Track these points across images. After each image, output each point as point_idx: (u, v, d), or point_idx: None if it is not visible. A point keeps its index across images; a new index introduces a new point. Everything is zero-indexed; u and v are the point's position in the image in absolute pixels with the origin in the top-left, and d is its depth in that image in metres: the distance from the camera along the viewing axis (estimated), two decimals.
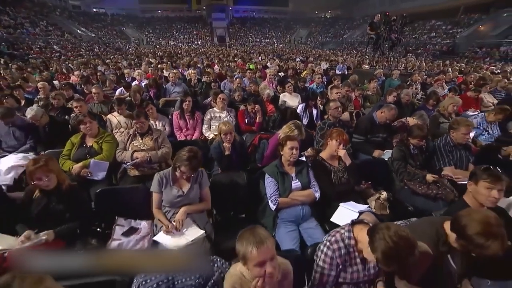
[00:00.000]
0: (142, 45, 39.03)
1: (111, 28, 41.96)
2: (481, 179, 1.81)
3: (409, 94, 5.00)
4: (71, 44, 29.92)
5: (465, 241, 1.34)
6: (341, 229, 1.50)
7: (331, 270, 1.42)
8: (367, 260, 1.43)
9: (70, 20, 36.99)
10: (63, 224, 1.98)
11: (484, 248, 1.27)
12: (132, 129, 3.01)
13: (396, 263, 1.20)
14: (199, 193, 2.15)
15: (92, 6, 45.99)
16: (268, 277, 1.14)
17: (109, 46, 34.11)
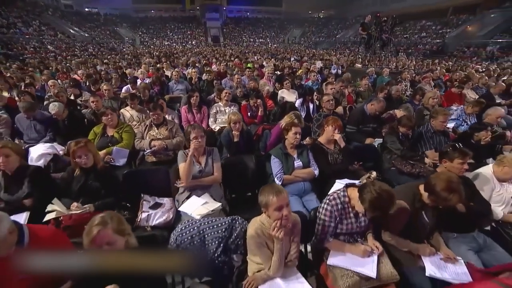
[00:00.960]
0: (136, 45, 38.84)
1: (105, 28, 41.54)
2: (454, 157, 2.20)
3: (399, 90, 5.44)
4: (65, 44, 29.77)
5: (434, 196, 1.72)
6: (337, 190, 1.87)
7: (330, 221, 1.78)
8: (359, 215, 1.80)
9: (63, 20, 36.63)
10: (99, 199, 2.30)
11: (447, 200, 1.66)
12: (149, 120, 3.34)
13: (380, 210, 1.57)
14: (212, 168, 2.51)
15: (85, 6, 45.29)
16: (284, 219, 1.50)
17: (103, 46, 33.95)
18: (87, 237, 1.32)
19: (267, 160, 2.78)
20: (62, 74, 9.16)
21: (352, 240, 1.85)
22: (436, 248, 1.88)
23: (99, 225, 1.33)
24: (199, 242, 1.74)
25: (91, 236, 1.31)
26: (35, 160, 3.04)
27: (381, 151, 3.29)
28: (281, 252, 1.55)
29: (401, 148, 3.08)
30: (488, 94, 5.81)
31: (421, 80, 8.02)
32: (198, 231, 1.74)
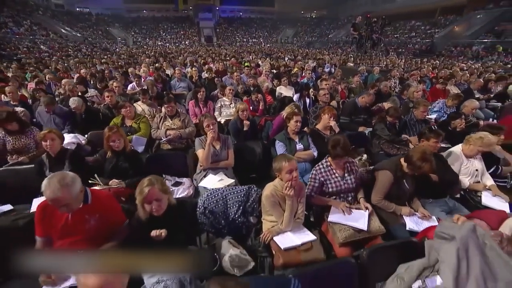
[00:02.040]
0: (129, 45, 38.62)
1: (97, 28, 41.10)
2: (430, 137, 2.64)
3: (387, 86, 5.92)
4: (58, 44, 29.59)
5: (411, 165, 2.15)
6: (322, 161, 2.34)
7: (315, 182, 2.28)
8: (344, 175, 2.25)
9: (54, 20, 36.26)
10: (128, 178, 2.65)
11: (421, 168, 2.09)
12: (163, 112, 3.70)
13: None
14: (226, 152, 2.89)
15: (76, 6, 44.58)
16: (294, 180, 1.89)
17: (96, 46, 33.75)
18: (140, 195, 1.69)
19: (271, 145, 3.18)
20: (63, 74, 9.38)
21: (344, 199, 2.27)
22: (414, 210, 2.30)
23: (149, 185, 1.70)
24: (222, 205, 2.12)
25: (144, 194, 1.68)
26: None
27: (371, 137, 3.73)
28: (291, 208, 1.95)
29: (389, 134, 3.52)
30: (468, 89, 6.33)
31: (409, 78, 8.56)
32: (222, 196, 2.13)
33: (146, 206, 1.67)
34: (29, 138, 3.36)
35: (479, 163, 2.67)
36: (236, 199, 2.14)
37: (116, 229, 1.84)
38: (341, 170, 2.30)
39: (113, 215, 1.85)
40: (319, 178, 2.27)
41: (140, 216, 1.73)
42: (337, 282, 1.54)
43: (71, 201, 1.62)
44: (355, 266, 1.59)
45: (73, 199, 1.63)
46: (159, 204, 1.68)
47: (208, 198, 2.12)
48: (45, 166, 2.57)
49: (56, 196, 1.55)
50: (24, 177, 2.73)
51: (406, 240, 1.84)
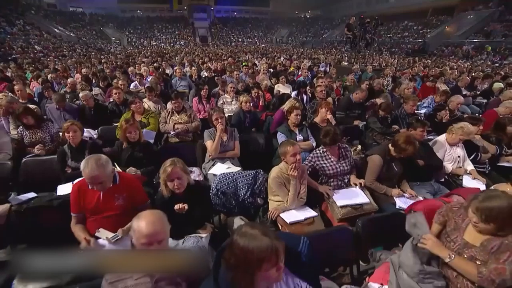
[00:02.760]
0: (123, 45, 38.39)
1: (90, 28, 40.64)
2: (417, 126, 2.93)
3: (380, 83, 6.23)
4: (52, 44, 29.42)
5: (397, 148, 2.44)
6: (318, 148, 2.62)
7: (309, 164, 2.55)
8: (339, 159, 2.52)
9: (47, 19, 35.93)
10: (143, 167, 2.89)
11: (406, 150, 2.38)
12: (170, 107, 3.94)
13: None
14: (233, 143, 3.14)
15: (69, 5, 43.87)
16: (298, 162, 2.15)
17: (91, 46, 33.58)
18: (164, 174, 1.94)
19: (272, 137, 3.45)
20: (62, 73, 9.52)
21: (341, 181, 2.54)
22: (403, 191, 2.59)
23: (171, 165, 1.95)
24: (233, 187, 2.38)
25: (167, 172, 1.92)
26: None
27: (365, 130, 4.02)
28: (295, 188, 2.21)
29: (381, 126, 3.81)
30: (456, 87, 6.68)
31: (401, 76, 8.91)
32: (232, 179, 2.39)
33: (169, 184, 1.91)
34: (45, 133, 3.57)
35: (461, 151, 2.97)
36: (245, 182, 2.40)
37: (140, 207, 2.08)
38: (336, 155, 2.59)
39: (137, 195, 2.09)
40: (313, 163, 2.56)
41: (163, 194, 1.97)
42: (337, 245, 1.80)
43: (105, 179, 1.86)
44: (351, 233, 1.86)
45: (107, 177, 1.87)
46: (180, 182, 1.92)
47: (221, 181, 2.37)
48: (67, 155, 2.80)
49: (94, 174, 1.79)
50: (46, 167, 2.96)
51: (394, 213, 2.11)
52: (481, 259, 1.45)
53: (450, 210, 1.66)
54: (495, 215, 1.38)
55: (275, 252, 0.99)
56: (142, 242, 1.17)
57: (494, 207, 1.37)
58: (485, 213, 1.39)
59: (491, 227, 1.42)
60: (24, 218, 2.04)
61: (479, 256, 1.46)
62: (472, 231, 1.54)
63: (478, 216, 1.42)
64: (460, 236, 1.57)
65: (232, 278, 1.05)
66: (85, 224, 1.98)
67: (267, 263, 0.98)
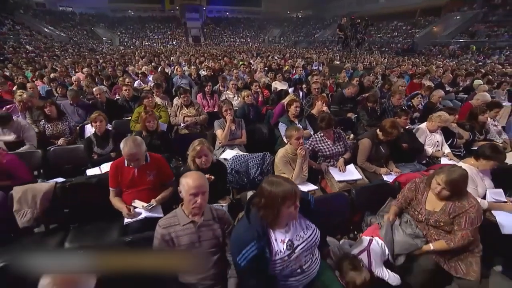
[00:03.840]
0: (115, 45, 38.09)
1: (81, 28, 40.02)
2: (401, 115, 3.36)
3: (370, 80, 6.69)
4: (43, 44, 29.15)
5: (383, 132, 2.85)
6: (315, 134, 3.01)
7: (310, 148, 2.93)
8: (334, 142, 2.91)
9: (37, 19, 35.45)
10: (160, 154, 3.22)
11: (391, 133, 2.80)
12: (179, 102, 4.28)
13: None
14: (240, 132, 3.51)
15: (58, 4, 43.19)
16: (301, 144, 2.54)
17: (82, 46, 33.27)
18: (193, 152, 2.29)
19: (274, 127, 3.83)
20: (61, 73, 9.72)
21: (336, 161, 2.95)
22: (390, 170, 3.00)
23: (200, 144, 2.30)
24: (245, 167, 2.75)
25: (196, 150, 2.27)
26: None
27: (356, 121, 4.44)
28: (300, 165, 2.60)
29: (368, 119, 4.26)
30: (440, 83, 7.19)
31: (390, 74, 9.42)
32: (244, 160, 2.76)
33: (197, 160, 2.27)
34: (64, 125, 3.88)
35: (439, 136, 3.41)
36: (255, 162, 2.77)
37: (167, 183, 2.44)
38: (331, 139, 3.00)
39: (165, 172, 2.44)
40: (313, 146, 2.98)
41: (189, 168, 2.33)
42: (336, 207, 2.21)
43: (141, 156, 2.22)
44: (348, 198, 2.26)
45: (142, 155, 2.22)
46: (207, 159, 2.28)
47: (234, 161, 2.74)
48: (93, 143, 3.12)
49: (133, 152, 2.14)
50: (71, 155, 3.28)
51: (382, 183, 2.53)
52: (443, 220, 1.89)
53: (418, 184, 2.07)
54: (453, 183, 1.80)
55: (294, 194, 1.37)
56: (191, 193, 1.53)
57: (456, 179, 1.80)
58: (449, 183, 1.81)
59: (449, 193, 1.84)
60: (68, 194, 2.36)
61: (441, 219, 1.89)
62: (430, 202, 1.99)
63: (442, 185, 1.83)
64: (423, 207, 2.00)
65: (262, 215, 1.42)
66: (121, 197, 2.32)
67: (289, 201, 1.36)
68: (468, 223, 1.79)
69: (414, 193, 2.07)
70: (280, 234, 1.47)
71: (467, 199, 1.85)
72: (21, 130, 3.50)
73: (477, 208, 1.82)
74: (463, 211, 1.81)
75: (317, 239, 1.56)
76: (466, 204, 1.82)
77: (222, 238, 1.64)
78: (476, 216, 1.80)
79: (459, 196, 1.86)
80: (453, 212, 1.85)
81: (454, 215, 1.85)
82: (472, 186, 2.26)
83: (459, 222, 1.84)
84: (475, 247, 1.89)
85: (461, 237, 1.81)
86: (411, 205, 2.10)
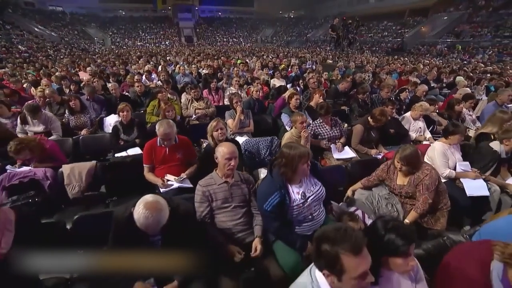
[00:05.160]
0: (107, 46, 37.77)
1: (72, 28, 39.47)
2: (388, 105, 3.87)
3: (361, 76, 7.25)
4: (36, 44, 28.91)
5: (373, 118, 3.34)
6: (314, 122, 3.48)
7: (312, 133, 3.38)
8: (331, 127, 3.39)
9: (26, 18, 34.94)
10: None
11: (380, 120, 3.29)
12: (190, 96, 4.70)
13: None
14: (249, 122, 3.96)
15: (48, 4, 42.25)
16: (305, 127, 3.00)
17: (75, 46, 32.99)
18: (210, 127, 2.73)
19: (277, 118, 4.30)
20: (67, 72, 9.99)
21: (334, 143, 3.42)
22: (379, 151, 3.49)
23: (215, 120, 2.76)
24: (256, 148, 3.20)
25: (213, 125, 2.72)
26: (113, 124, 4.26)
27: (350, 113, 4.94)
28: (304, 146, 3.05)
29: (359, 110, 4.76)
30: (425, 79, 7.79)
31: (380, 71, 10.02)
32: (255, 142, 3.22)
33: (214, 133, 2.72)
34: (86, 118, 4.27)
35: (421, 123, 3.93)
36: (264, 144, 3.23)
37: (192, 161, 2.87)
38: (329, 124, 3.49)
39: (190, 152, 2.87)
40: (314, 130, 3.47)
41: (211, 145, 2.77)
42: (336, 177, 2.69)
43: (173, 136, 2.65)
44: (345, 170, 2.75)
45: (173, 135, 2.65)
46: (222, 131, 2.73)
47: (247, 144, 3.20)
48: (120, 130, 3.53)
49: (167, 132, 2.57)
50: (97, 143, 3.68)
51: (372, 158, 3.02)
52: (411, 191, 2.36)
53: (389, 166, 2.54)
54: (406, 158, 2.26)
55: (307, 154, 1.83)
56: (226, 157, 1.97)
57: (407, 154, 2.26)
58: (403, 159, 2.27)
59: (409, 168, 2.31)
60: (107, 171, 2.77)
61: (409, 190, 2.36)
62: (400, 178, 2.44)
63: (401, 162, 2.30)
64: (395, 183, 2.45)
65: (282, 172, 1.88)
66: (153, 173, 2.74)
67: (304, 160, 1.81)
68: (424, 189, 2.25)
69: (387, 173, 2.53)
70: (296, 187, 1.92)
71: (422, 170, 2.31)
72: (48, 121, 3.87)
73: (430, 175, 2.27)
74: (420, 180, 2.27)
75: (323, 193, 2.03)
76: (421, 174, 2.28)
77: (248, 195, 2.09)
78: (430, 182, 2.25)
79: (416, 168, 2.31)
80: (415, 183, 2.31)
81: (416, 184, 2.31)
82: (443, 160, 2.77)
83: (419, 189, 2.28)
84: (443, 205, 2.38)
85: (423, 201, 2.25)
86: (386, 182, 2.54)
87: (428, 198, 2.25)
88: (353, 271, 1.02)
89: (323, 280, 1.10)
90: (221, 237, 1.92)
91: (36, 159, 2.85)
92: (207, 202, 1.98)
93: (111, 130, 4.13)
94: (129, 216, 1.52)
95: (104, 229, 1.61)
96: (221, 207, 1.98)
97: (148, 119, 4.39)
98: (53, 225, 1.92)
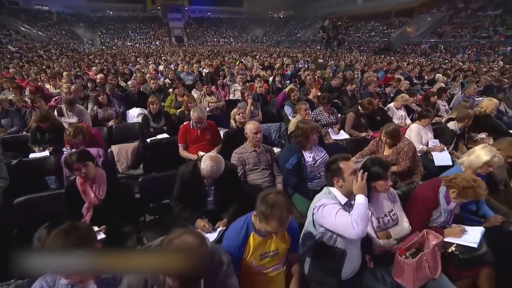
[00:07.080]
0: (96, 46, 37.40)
1: (59, 28, 38.95)
2: (376, 98, 4.58)
3: (352, 74, 8.00)
4: (25, 44, 28.61)
5: (363, 107, 4.05)
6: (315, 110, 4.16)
7: (312, 118, 4.04)
8: (329, 115, 4.08)
9: (12, 18, 34.31)
10: None
11: (368, 108, 4.01)
12: (203, 91, 5.31)
13: None
14: (257, 112, 4.60)
15: (33, 3, 41.50)
16: (308, 114, 3.67)
17: (64, 47, 32.62)
18: (232, 112, 3.37)
19: (281, 109, 4.97)
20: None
21: (329, 128, 4.11)
22: (368, 135, 4.19)
23: (237, 107, 3.38)
24: (268, 132, 3.85)
25: (235, 110, 3.35)
26: (136, 117, 4.82)
27: (342, 106, 5.65)
28: None
29: (349, 101, 5.48)
30: (408, 77, 8.62)
31: (368, 69, 10.85)
32: (267, 127, 3.87)
33: (237, 117, 3.35)
34: (112, 111, 4.81)
35: (403, 112, 4.68)
36: (274, 128, 3.89)
37: (218, 141, 3.50)
38: (327, 112, 4.16)
39: (216, 134, 3.49)
40: (315, 117, 4.13)
41: (233, 128, 3.40)
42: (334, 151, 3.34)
43: (204, 120, 3.26)
44: (341, 146, 3.44)
45: (205, 119, 3.27)
46: (243, 115, 3.38)
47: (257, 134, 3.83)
48: (149, 119, 4.11)
49: (200, 116, 3.18)
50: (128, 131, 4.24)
51: (364, 137, 3.73)
52: (395, 159, 3.03)
53: (377, 141, 3.22)
54: (390, 133, 2.95)
55: (316, 128, 2.50)
56: (253, 132, 2.62)
57: (390, 130, 2.94)
58: (387, 133, 2.96)
59: (392, 141, 3.00)
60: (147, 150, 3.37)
61: (393, 158, 3.03)
62: (386, 150, 3.11)
63: (386, 136, 2.98)
64: (382, 154, 3.14)
65: (298, 141, 2.54)
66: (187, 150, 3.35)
67: (314, 131, 2.48)
68: (404, 155, 2.94)
69: (376, 146, 3.21)
70: (308, 153, 2.59)
71: (403, 141, 3.00)
72: (81, 113, 4.41)
73: (409, 145, 2.95)
74: (401, 149, 2.97)
75: (327, 158, 2.70)
76: (402, 144, 2.97)
77: (271, 161, 2.75)
78: (409, 149, 2.93)
79: (397, 140, 2.99)
80: (397, 151, 3.00)
81: (398, 152, 3.00)
82: (418, 137, 3.49)
83: (401, 156, 2.98)
84: (417, 171, 3.09)
85: (403, 164, 2.94)
86: (375, 154, 3.23)
87: (407, 162, 2.94)
88: (348, 169, 1.71)
89: (333, 188, 1.76)
90: (253, 191, 2.56)
91: (84, 144, 3.41)
92: (241, 166, 2.63)
93: (134, 121, 4.76)
94: (192, 169, 2.15)
95: None
96: (252, 169, 2.64)
97: (167, 109, 4.98)
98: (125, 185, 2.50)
